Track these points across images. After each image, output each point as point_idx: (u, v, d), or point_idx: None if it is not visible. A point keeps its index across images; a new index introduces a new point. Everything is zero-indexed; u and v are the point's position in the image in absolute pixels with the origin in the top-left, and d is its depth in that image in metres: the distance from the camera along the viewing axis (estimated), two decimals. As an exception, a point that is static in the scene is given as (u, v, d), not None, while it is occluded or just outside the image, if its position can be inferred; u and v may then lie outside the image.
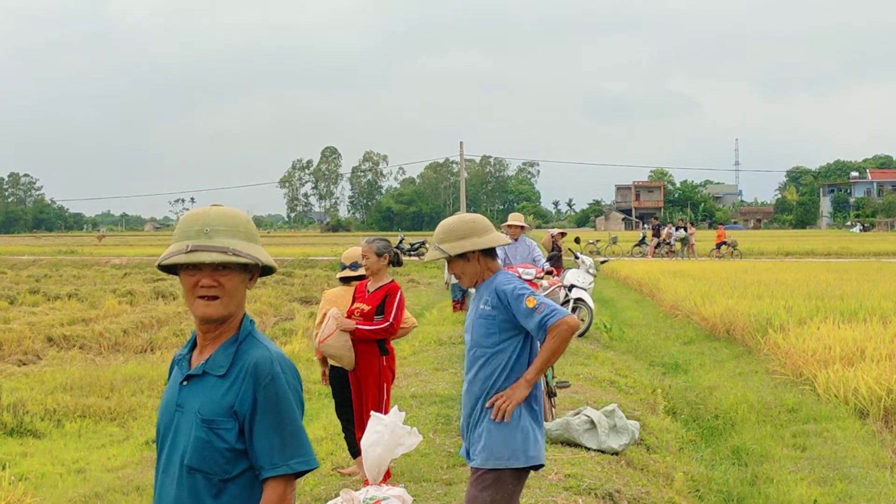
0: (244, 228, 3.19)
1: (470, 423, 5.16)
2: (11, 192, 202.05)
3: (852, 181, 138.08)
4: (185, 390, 3.17)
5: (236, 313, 3.20)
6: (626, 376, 13.40)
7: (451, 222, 5.26)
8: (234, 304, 3.17)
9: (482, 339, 5.11)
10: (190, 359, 3.25)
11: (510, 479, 4.99)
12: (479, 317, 5.15)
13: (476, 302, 5.22)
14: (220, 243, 3.09)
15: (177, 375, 3.25)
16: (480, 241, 5.14)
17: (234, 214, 3.22)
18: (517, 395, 4.98)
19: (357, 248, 8.40)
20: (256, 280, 3.26)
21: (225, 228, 3.14)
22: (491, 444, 4.97)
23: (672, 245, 50.55)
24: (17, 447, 11.18)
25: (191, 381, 3.17)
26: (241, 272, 3.16)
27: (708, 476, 9.24)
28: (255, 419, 3.03)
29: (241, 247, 3.11)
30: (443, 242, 5.16)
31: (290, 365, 3.16)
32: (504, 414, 4.96)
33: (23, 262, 52.57)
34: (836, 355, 13.12)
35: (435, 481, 7.85)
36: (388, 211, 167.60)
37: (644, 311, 24.16)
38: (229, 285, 3.14)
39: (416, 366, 13.28)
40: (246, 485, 3.06)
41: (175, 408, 3.17)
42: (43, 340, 19.88)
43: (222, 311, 3.14)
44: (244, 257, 3.09)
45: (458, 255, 5.12)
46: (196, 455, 3.06)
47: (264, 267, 3.21)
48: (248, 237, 3.18)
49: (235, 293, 3.16)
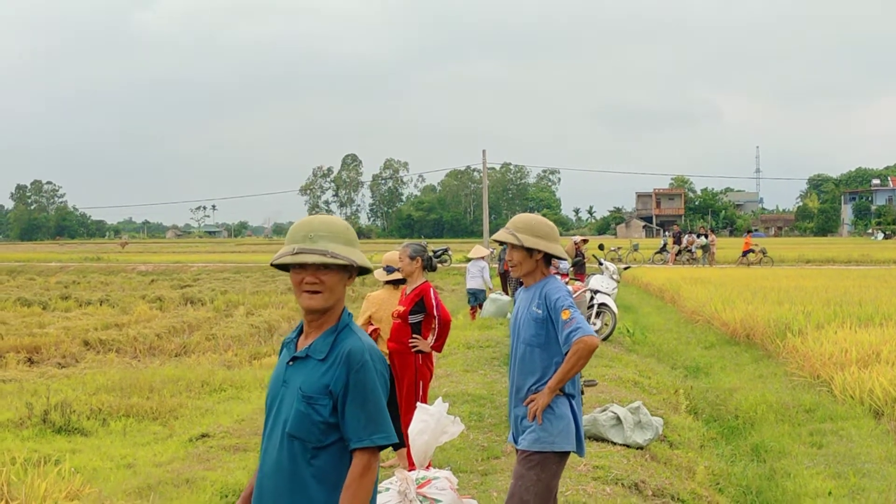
0: (343, 234, 3.71)
1: (518, 414, 5.62)
2: (34, 199, 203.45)
3: (874, 189, 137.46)
4: (290, 369, 3.71)
5: (336, 306, 3.71)
6: (649, 377, 13.87)
7: (533, 219, 5.71)
8: (334, 298, 3.68)
9: (531, 338, 5.55)
10: (297, 342, 3.78)
11: (553, 462, 5.48)
12: (529, 318, 5.57)
13: (526, 303, 5.65)
14: (321, 247, 3.61)
15: (285, 356, 3.80)
16: (549, 246, 5.60)
17: (335, 222, 3.74)
18: (542, 400, 5.44)
19: (394, 253, 8.95)
20: (354, 278, 3.75)
21: (327, 234, 3.67)
22: (538, 431, 5.45)
23: (693, 252, 50.87)
24: (66, 444, 11.62)
25: (296, 362, 3.70)
26: (339, 271, 3.67)
27: (728, 471, 9.71)
28: (346, 399, 3.54)
29: (339, 250, 3.63)
30: (520, 232, 5.58)
31: (378, 355, 3.65)
32: (534, 415, 5.44)
33: (50, 268, 53.35)
34: (853, 358, 13.52)
35: (471, 472, 8.38)
36: (409, 218, 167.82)
37: (665, 317, 24.53)
38: (329, 282, 3.65)
39: (446, 367, 13.77)
40: (335, 453, 3.56)
41: (282, 383, 3.72)
42: (80, 344, 20.49)
43: (323, 303, 3.66)
44: (341, 259, 3.60)
45: (526, 248, 5.56)
46: (296, 425, 3.58)
47: (361, 267, 3.71)
48: (346, 242, 3.69)
49: (335, 289, 3.67)
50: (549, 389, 5.42)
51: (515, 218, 5.76)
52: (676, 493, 8.10)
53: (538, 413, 5.43)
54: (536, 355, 5.54)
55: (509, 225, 5.71)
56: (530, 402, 5.49)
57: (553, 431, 5.45)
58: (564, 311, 5.42)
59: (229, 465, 9.02)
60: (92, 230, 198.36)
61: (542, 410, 5.43)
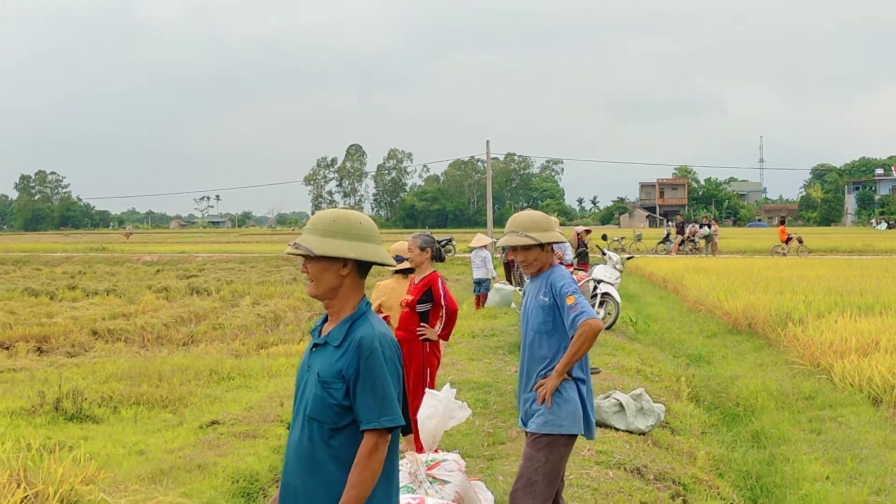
0: (322, 225, 3.88)
1: (527, 397, 5.80)
2: (38, 189, 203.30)
3: (877, 178, 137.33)
4: (312, 355, 3.93)
5: (338, 295, 3.90)
6: (651, 366, 14.06)
7: (534, 214, 5.92)
8: (324, 286, 3.87)
9: (539, 325, 5.75)
10: (321, 330, 3.99)
11: (561, 444, 5.67)
12: (537, 306, 5.78)
13: (534, 293, 5.85)
14: (301, 239, 3.86)
15: (310, 343, 4.01)
16: (554, 236, 5.81)
17: (322, 213, 3.94)
18: (550, 384, 5.63)
19: (403, 243, 9.13)
20: (351, 267, 3.88)
21: (310, 226, 3.91)
22: (546, 414, 5.64)
23: (696, 242, 50.97)
24: (78, 431, 11.78)
25: (317, 349, 3.92)
26: (323, 261, 3.85)
27: (728, 456, 9.91)
28: (357, 383, 3.74)
29: (310, 241, 3.84)
30: (530, 231, 5.75)
31: (389, 342, 3.84)
32: (544, 399, 5.62)
33: (55, 258, 53.52)
34: (852, 346, 13.68)
35: (478, 457, 8.60)
36: (412, 209, 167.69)
37: (668, 306, 24.68)
38: (313, 272, 3.87)
39: (451, 356, 13.96)
40: (351, 434, 3.77)
41: (306, 369, 3.93)
42: (88, 334, 20.67)
43: (314, 290, 3.89)
44: (300, 250, 3.82)
45: (540, 244, 5.74)
46: (314, 407, 3.80)
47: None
48: (323, 233, 3.86)
49: (321, 278, 3.86)
50: (556, 373, 5.60)
51: (515, 221, 5.90)
52: (678, 477, 8.30)
53: (547, 396, 5.60)
54: (545, 342, 5.73)
55: (515, 228, 5.84)
56: (539, 386, 5.67)
57: (561, 415, 5.63)
58: (569, 296, 5.61)
59: (240, 452, 9.18)
60: (96, 220, 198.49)
61: (550, 394, 5.60)
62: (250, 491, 8.09)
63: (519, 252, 5.82)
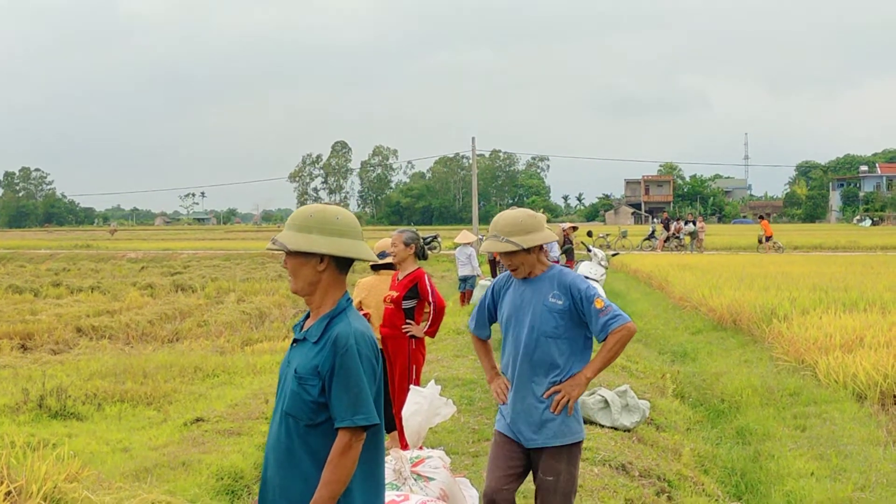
0: (299, 221, 3.89)
1: (531, 406, 5.44)
2: (23, 186, 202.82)
3: (861, 175, 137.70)
4: (293, 350, 3.94)
5: (316, 291, 3.90)
6: (636, 362, 14.07)
7: (517, 216, 5.49)
8: (302, 282, 3.88)
9: (552, 330, 5.35)
10: (302, 326, 3.99)
11: (577, 451, 5.48)
12: (545, 310, 5.39)
13: (536, 295, 5.44)
14: (279, 235, 3.87)
15: (292, 338, 4.01)
16: (542, 236, 5.42)
17: (302, 209, 3.93)
18: (576, 392, 5.33)
19: (387, 239, 9.10)
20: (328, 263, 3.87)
21: (288, 222, 3.92)
22: (566, 422, 5.37)
23: (682, 239, 51.11)
24: (62, 429, 11.75)
25: (297, 344, 3.93)
26: (300, 257, 3.86)
27: (713, 453, 9.92)
28: (332, 380, 3.73)
29: (285, 236, 3.86)
30: (512, 235, 5.37)
31: (365, 339, 3.81)
32: (566, 407, 5.32)
33: (39, 255, 53.37)
34: (837, 343, 13.71)
35: (462, 454, 8.60)
36: (398, 205, 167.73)
37: (653, 303, 24.69)
38: (291, 267, 3.89)
39: (437, 353, 13.99)
40: (326, 431, 3.76)
41: (286, 364, 3.94)
42: (72, 331, 20.64)
43: (294, 286, 3.91)
44: (277, 245, 3.84)
45: (525, 249, 5.38)
46: (290, 403, 3.81)
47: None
48: (299, 228, 3.87)
49: (298, 273, 3.88)
50: (585, 379, 5.33)
51: (498, 223, 5.51)
52: (663, 473, 8.31)
53: (570, 405, 5.34)
54: (553, 347, 5.37)
55: (497, 232, 5.47)
56: (555, 392, 5.35)
57: (577, 420, 5.45)
58: (597, 300, 5.30)
59: (224, 449, 9.16)
60: (80, 217, 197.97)
61: (574, 401, 5.35)
62: (235, 488, 8.08)
63: (503, 257, 5.49)
